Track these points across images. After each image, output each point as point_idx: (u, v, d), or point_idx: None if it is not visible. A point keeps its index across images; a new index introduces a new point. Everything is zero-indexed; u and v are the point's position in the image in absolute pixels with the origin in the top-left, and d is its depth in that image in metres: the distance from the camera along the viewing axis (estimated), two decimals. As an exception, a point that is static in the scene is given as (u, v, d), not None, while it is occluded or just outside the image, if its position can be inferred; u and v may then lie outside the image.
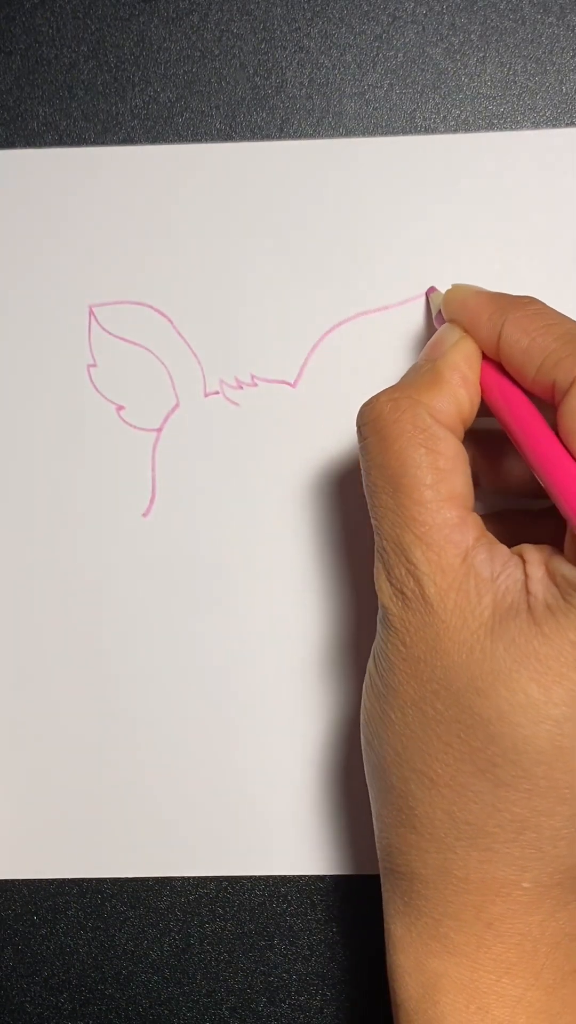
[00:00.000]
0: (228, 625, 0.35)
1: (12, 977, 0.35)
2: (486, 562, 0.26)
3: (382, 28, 0.34)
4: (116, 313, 0.35)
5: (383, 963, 0.34)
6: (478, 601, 0.26)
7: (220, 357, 0.34)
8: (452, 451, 0.27)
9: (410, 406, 0.27)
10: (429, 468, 0.26)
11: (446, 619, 0.26)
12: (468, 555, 0.26)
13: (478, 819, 0.26)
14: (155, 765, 0.35)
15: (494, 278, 0.34)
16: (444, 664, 0.26)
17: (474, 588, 0.26)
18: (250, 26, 0.35)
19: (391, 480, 0.27)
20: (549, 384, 0.27)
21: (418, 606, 0.26)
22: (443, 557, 0.26)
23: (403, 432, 0.27)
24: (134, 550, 0.35)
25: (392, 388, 0.28)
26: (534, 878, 0.26)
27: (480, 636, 0.25)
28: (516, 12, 0.34)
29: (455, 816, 0.26)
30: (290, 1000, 0.35)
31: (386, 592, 0.27)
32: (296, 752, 0.34)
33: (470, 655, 0.25)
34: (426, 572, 0.26)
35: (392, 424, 0.27)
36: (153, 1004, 0.35)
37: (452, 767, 0.26)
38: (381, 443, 0.27)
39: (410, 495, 0.26)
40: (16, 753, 0.35)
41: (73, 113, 0.35)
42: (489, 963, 0.26)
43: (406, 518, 0.26)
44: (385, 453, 0.27)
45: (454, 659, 0.25)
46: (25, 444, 0.35)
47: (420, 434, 0.27)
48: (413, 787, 0.26)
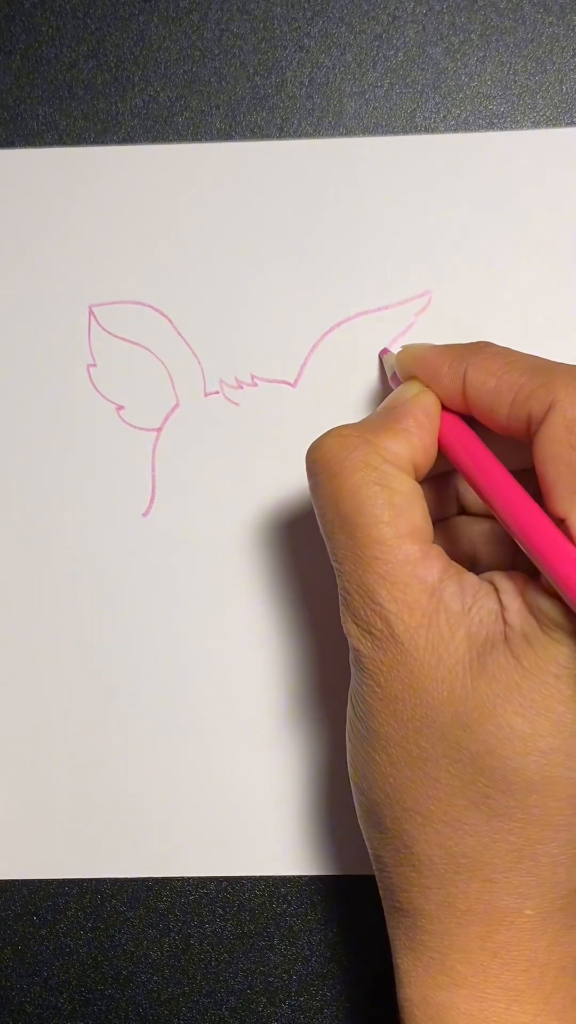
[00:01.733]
0: (228, 625, 0.35)
1: (12, 977, 0.35)
2: (456, 595, 0.26)
3: (382, 27, 0.34)
4: (116, 313, 0.35)
5: (382, 963, 0.34)
6: (451, 636, 0.25)
7: (220, 357, 0.34)
8: (407, 487, 0.27)
9: (360, 444, 0.27)
10: (385, 505, 0.26)
11: (419, 657, 0.25)
12: (435, 590, 0.26)
13: (475, 851, 0.26)
14: (155, 765, 0.35)
15: (494, 278, 0.34)
16: (424, 702, 0.25)
17: (445, 623, 0.25)
18: (250, 25, 0.35)
19: (346, 519, 0.26)
20: (524, 418, 0.26)
21: (389, 646, 0.26)
22: (409, 594, 0.26)
23: (355, 469, 0.26)
24: (134, 550, 0.35)
25: (340, 427, 0.28)
26: (536, 905, 0.26)
27: (459, 672, 0.25)
28: (516, 12, 0.34)
29: (452, 851, 0.26)
30: (290, 1000, 0.35)
31: (354, 634, 0.27)
32: (297, 752, 0.34)
33: (451, 692, 0.25)
34: (393, 611, 0.26)
35: (342, 462, 0.27)
36: (153, 1004, 0.35)
37: (444, 802, 0.26)
38: (332, 481, 0.27)
39: (368, 533, 0.26)
40: (16, 753, 0.35)
41: (73, 113, 0.35)
42: (498, 992, 0.26)
43: (366, 557, 0.26)
44: (338, 492, 0.26)
45: (434, 696, 0.25)
46: (25, 444, 0.35)
47: (372, 472, 0.26)
48: (407, 826, 0.26)
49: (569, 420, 0.25)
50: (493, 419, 0.27)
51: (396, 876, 0.27)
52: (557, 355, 0.34)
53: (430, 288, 0.34)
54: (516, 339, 0.34)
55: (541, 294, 0.34)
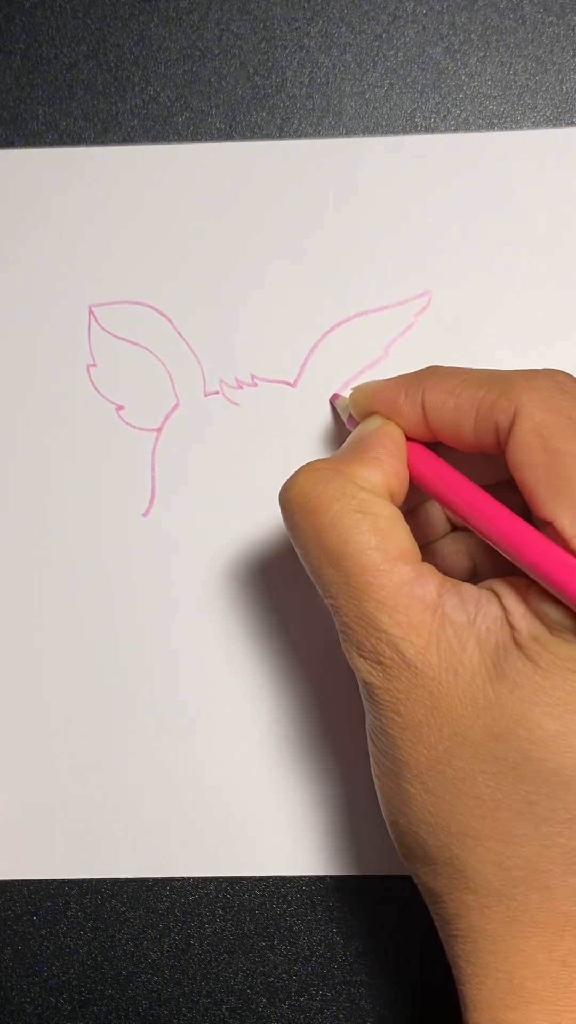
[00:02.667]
0: (228, 625, 0.35)
1: (12, 978, 0.35)
2: (458, 607, 0.25)
3: (382, 27, 0.34)
4: (116, 313, 0.35)
5: (382, 963, 0.34)
6: (462, 649, 0.25)
7: (220, 357, 0.34)
8: (388, 511, 0.26)
9: (334, 476, 0.27)
10: (370, 530, 0.26)
11: (436, 676, 0.25)
12: (436, 606, 0.25)
13: (529, 861, 0.25)
14: (155, 765, 0.35)
15: (494, 278, 0.34)
16: (451, 721, 0.25)
17: (454, 636, 0.25)
18: (250, 25, 0.35)
19: (332, 552, 0.26)
20: (491, 430, 0.26)
21: (401, 672, 0.25)
22: (411, 615, 0.25)
23: (333, 500, 0.26)
24: (134, 550, 0.35)
25: (311, 463, 0.27)
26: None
27: (479, 684, 0.25)
28: (516, 11, 0.34)
29: (506, 865, 0.26)
30: (290, 1000, 0.35)
31: (363, 668, 0.26)
32: (297, 752, 0.34)
33: (475, 705, 0.25)
34: (399, 635, 0.25)
35: (319, 496, 0.26)
36: (153, 1004, 0.35)
37: (490, 819, 0.25)
38: (311, 516, 0.26)
39: (358, 561, 0.26)
40: (16, 753, 0.35)
41: (73, 113, 0.35)
42: (569, 1001, 0.26)
43: (361, 586, 0.26)
44: (318, 526, 0.26)
45: (460, 713, 0.25)
46: (25, 444, 0.35)
47: (351, 500, 0.26)
48: (457, 851, 0.26)
49: (537, 424, 0.25)
50: (460, 438, 0.27)
51: (452, 903, 0.27)
52: (557, 355, 0.34)
53: (430, 288, 0.34)
54: (516, 339, 0.34)
55: (541, 294, 0.34)
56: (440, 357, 0.34)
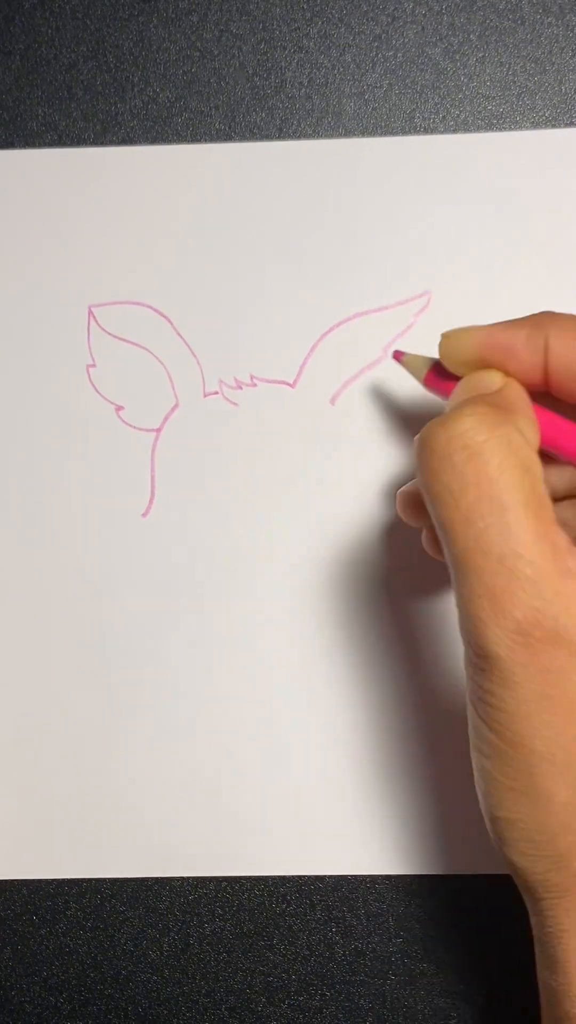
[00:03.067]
0: (228, 625, 0.35)
1: (12, 977, 0.35)
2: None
3: (381, 28, 0.34)
4: (116, 313, 0.35)
5: (381, 963, 0.34)
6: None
7: (220, 357, 0.34)
8: (540, 470, 0.24)
9: (501, 423, 0.24)
10: (532, 491, 0.24)
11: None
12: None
13: None
14: (155, 765, 0.35)
15: (494, 278, 0.34)
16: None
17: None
18: (249, 26, 0.35)
19: (494, 504, 0.23)
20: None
21: (556, 649, 0.23)
22: (570, 587, 0.23)
23: (497, 449, 0.24)
24: (134, 550, 0.35)
25: (469, 404, 0.25)
26: None
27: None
28: (515, 12, 0.34)
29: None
30: (290, 1000, 0.35)
31: (502, 641, 0.23)
32: (296, 752, 0.34)
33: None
34: (562, 608, 0.23)
35: (485, 442, 0.24)
36: (153, 1004, 0.35)
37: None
38: (474, 463, 0.24)
39: (519, 522, 0.23)
40: (16, 753, 0.35)
41: (73, 113, 0.35)
42: None
43: (521, 547, 0.23)
44: (481, 475, 0.23)
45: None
46: (25, 444, 0.35)
47: (516, 454, 0.24)
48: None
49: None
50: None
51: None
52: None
53: (430, 288, 0.34)
54: (515, 339, 0.34)
55: (541, 294, 0.34)
56: (439, 357, 0.34)
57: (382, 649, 0.34)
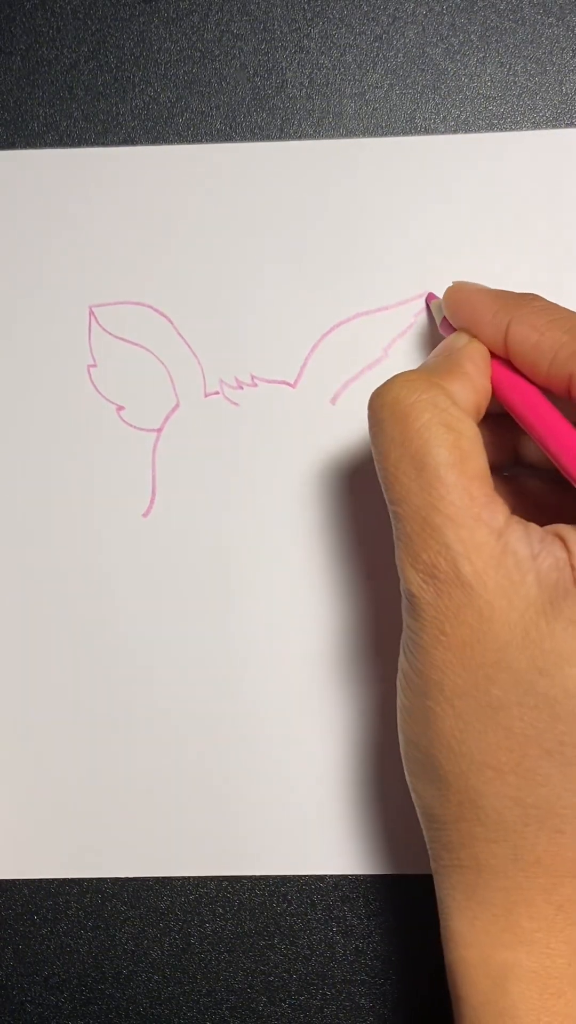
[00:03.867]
0: (228, 625, 0.35)
1: (12, 977, 0.35)
2: (523, 540, 0.25)
3: (382, 28, 0.34)
4: (116, 313, 0.35)
5: (382, 961, 0.34)
6: (521, 580, 0.25)
7: (220, 357, 0.35)
8: (472, 431, 0.27)
9: (428, 387, 0.27)
10: (452, 447, 0.26)
11: (489, 599, 0.25)
12: (502, 533, 0.25)
13: (547, 802, 0.25)
14: (155, 765, 0.35)
15: (494, 278, 0.34)
16: (496, 647, 0.25)
17: (514, 566, 0.25)
18: (250, 27, 0.35)
19: (414, 460, 0.26)
20: (565, 377, 0.27)
21: (454, 589, 0.25)
22: (476, 535, 0.25)
23: (423, 411, 0.26)
24: (134, 550, 0.35)
25: (406, 372, 0.28)
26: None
27: (531, 616, 0.25)
28: (516, 13, 0.34)
29: (523, 802, 0.25)
30: (290, 1000, 0.35)
31: (415, 580, 0.26)
32: (296, 752, 0.34)
33: (526, 636, 0.25)
34: (460, 552, 0.25)
35: (411, 404, 0.26)
36: (153, 1004, 0.35)
37: (517, 752, 0.25)
38: (400, 423, 0.26)
39: (436, 473, 0.26)
40: (16, 753, 0.35)
41: (73, 114, 0.35)
42: (561, 947, 0.26)
43: (434, 498, 0.26)
44: (405, 432, 0.26)
45: (507, 641, 0.25)
46: (25, 444, 0.35)
47: (441, 414, 0.26)
48: (475, 780, 0.26)
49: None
50: (533, 372, 0.28)
51: (457, 832, 0.27)
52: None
53: (430, 288, 0.34)
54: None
55: (541, 294, 0.34)
56: (440, 357, 0.34)
57: (383, 649, 0.34)
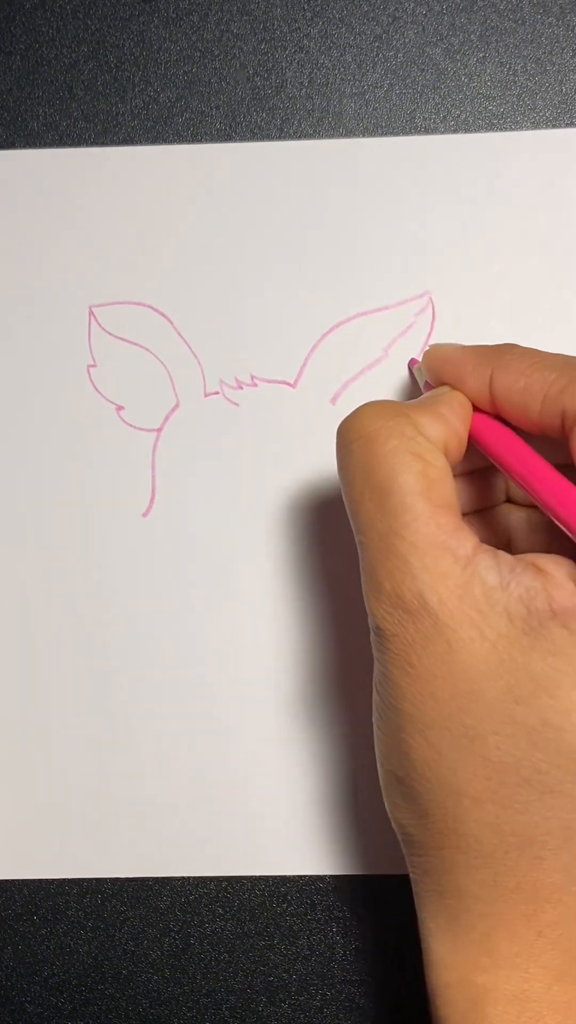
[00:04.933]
0: (228, 625, 0.35)
1: (12, 977, 0.35)
2: (492, 568, 0.25)
3: (382, 28, 0.34)
4: (116, 313, 0.35)
5: (382, 962, 0.34)
6: (489, 609, 0.25)
7: (220, 357, 0.34)
8: (441, 462, 0.26)
9: (395, 415, 0.27)
10: (419, 475, 0.26)
11: (456, 629, 0.25)
12: (470, 562, 0.25)
13: (526, 829, 0.25)
14: (155, 765, 0.35)
15: (494, 278, 0.34)
16: (468, 677, 0.25)
17: (482, 595, 0.25)
18: (250, 26, 0.35)
19: (379, 487, 0.26)
20: (558, 414, 0.26)
21: (421, 619, 0.25)
22: (441, 564, 0.25)
23: (390, 438, 0.26)
24: (134, 550, 0.35)
25: (377, 400, 0.28)
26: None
27: (503, 645, 0.25)
28: (516, 12, 0.34)
29: (502, 829, 0.25)
30: (290, 1000, 0.35)
31: (379, 613, 0.26)
32: (296, 752, 0.34)
33: (500, 665, 0.25)
34: (426, 581, 0.25)
35: (379, 430, 0.26)
36: (153, 1004, 0.35)
37: (494, 780, 0.25)
38: (366, 449, 0.26)
39: (401, 501, 0.25)
40: (16, 753, 0.35)
41: (73, 113, 0.35)
42: (540, 972, 0.26)
43: (398, 525, 0.25)
44: (371, 459, 0.26)
45: (479, 670, 0.25)
46: (25, 444, 0.35)
47: (408, 442, 0.26)
48: (454, 809, 0.26)
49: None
50: (525, 418, 0.27)
51: (438, 859, 0.26)
52: (557, 355, 0.34)
53: (430, 288, 0.34)
54: (515, 340, 0.34)
55: (541, 294, 0.34)
56: (440, 357, 0.34)
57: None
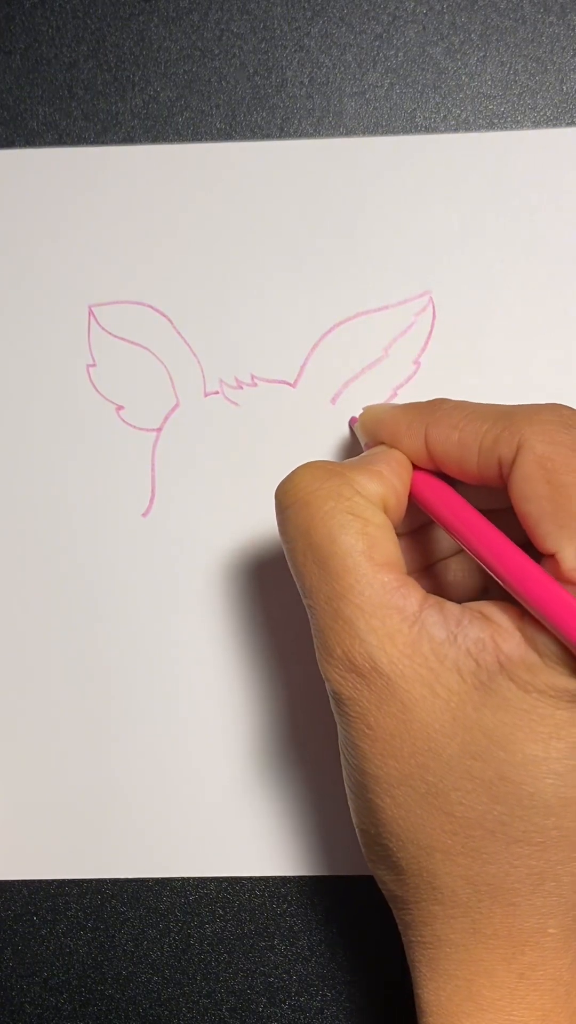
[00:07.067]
0: (228, 625, 0.35)
1: (12, 977, 0.35)
2: (439, 623, 0.25)
3: (382, 27, 0.34)
4: (116, 313, 0.35)
5: (382, 962, 0.34)
6: (440, 664, 0.25)
7: (220, 357, 0.34)
8: (379, 519, 0.26)
9: (331, 475, 0.27)
10: (359, 533, 0.26)
11: (408, 688, 0.25)
12: (416, 618, 0.25)
13: (496, 878, 0.25)
14: (154, 765, 0.35)
15: (494, 278, 0.34)
16: (425, 735, 0.25)
17: (431, 651, 0.25)
18: (250, 25, 0.35)
19: (318, 549, 0.26)
20: (494, 464, 0.26)
21: (374, 681, 0.25)
22: (388, 623, 0.25)
23: (327, 498, 0.26)
24: (134, 550, 0.35)
25: (312, 462, 0.27)
26: (559, 923, 0.26)
27: (455, 701, 0.25)
28: (516, 11, 0.34)
29: (474, 880, 0.26)
30: (290, 1000, 0.35)
31: (333, 677, 0.26)
32: (298, 751, 0.34)
33: (454, 721, 0.25)
34: (374, 643, 0.25)
35: (315, 491, 0.26)
36: (153, 1004, 0.35)
37: (461, 835, 0.25)
38: (303, 511, 0.26)
39: (342, 562, 0.25)
40: (16, 753, 0.35)
41: (73, 113, 0.35)
42: (524, 1013, 0.26)
43: (342, 588, 0.25)
44: (309, 522, 0.26)
45: (435, 728, 0.25)
46: (25, 444, 0.35)
47: (345, 501, 0.26)
48: (426, 863, 0.26)
49: (539, 456, 0.25)
50: (463, 470, 0.27)
51: (418, 911, 0.27)
52: (557, 356, 0.34)
53: (430, 288, 0.34)
54: (516, 339, 0.34)
55: (541, 294, 0.34)
56: (440, 357, 0.34)
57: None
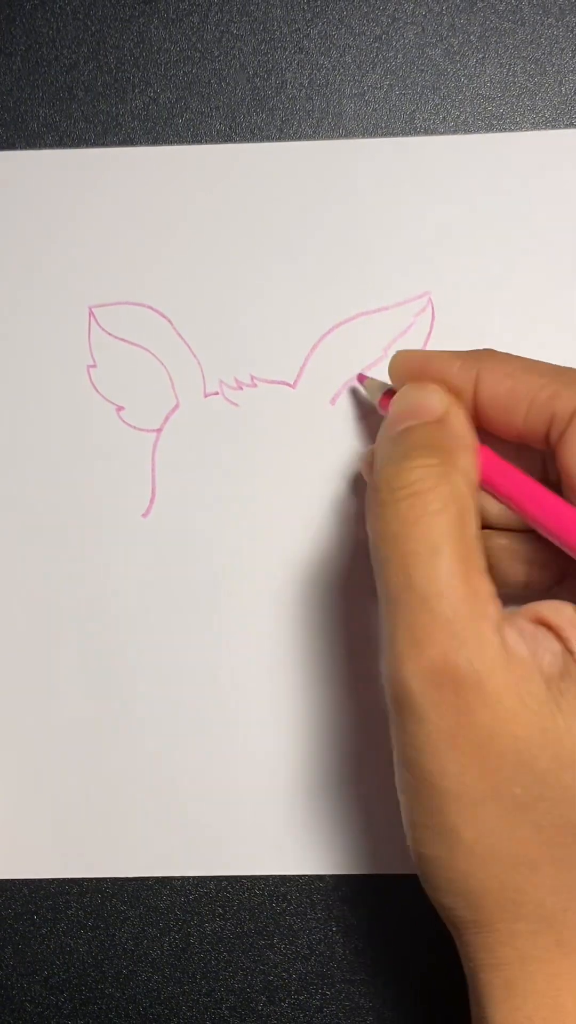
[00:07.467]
0: (228, 625, 0.35)
1: (12, 977, 0.36)
2: (519, 641, 0.25)
3: (382, 29, 0.35)
4: (116, 314, 0.35)
5: (382, 962, 0.34)
6: (527, 677, 0.24)
7: (220, 357, 0.35)
8: (477, 521, 0.26)
9: (446, 474, 0.26)
10: (463, 539, 0.25)
11: (501, 700, 0.24)
12: (500, 627, 0.24)
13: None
14: (155, 765, 0.35)
15: (494, 278, 0.34)
16: (516, 747, 0.24)
17: (519, 663, 0.24)
18: (250, 27, 0.35)
19: (431, 547, 0.25)
20: (545, 421, 0.26)
21: (463, 688, 0.24)
22: (482, 630, 0.24)
23: (440, 499, 0.25)
24: (134, 550, 0.35)
25: (420, 454, 0.26)
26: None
27: (547, 713, 0.24)
28: (515, 13, 0.34)
29: (559, 889, 0.25)
30: (290, 999, 0.35)
31: (415, 682, 0.24)
32: (296, 751, 0.35)
33: (544, 734, 0.24)
34: (474, 647, 0.24)
35: (431, 491, 0.25)
36: (153, 1004, 0.35)
37: (547, 844, 0.25)
38: (417, 508, 0.25)
39: (449, 567, 0.24)
40: (16, 753, 0.35)
41: (73, 114, 0.35)
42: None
43: (443, 587, 0.24)
44: (420, 519, 0.25)
45: (526, 740, 0.24)
46: (25, 445, 0.35)
47: (456, 502, 0.25)
48: (512, 881, 0.25)
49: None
50: (508, 423, 0.27)
51: (496, 932, 0.26)
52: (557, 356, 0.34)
53: (429, 289, 0.34)
54: (516, 339, 0.34)
55: (540, 295, 0.34)
56: (439, 357, 0.34)
57: (382, 649, 0.34)
